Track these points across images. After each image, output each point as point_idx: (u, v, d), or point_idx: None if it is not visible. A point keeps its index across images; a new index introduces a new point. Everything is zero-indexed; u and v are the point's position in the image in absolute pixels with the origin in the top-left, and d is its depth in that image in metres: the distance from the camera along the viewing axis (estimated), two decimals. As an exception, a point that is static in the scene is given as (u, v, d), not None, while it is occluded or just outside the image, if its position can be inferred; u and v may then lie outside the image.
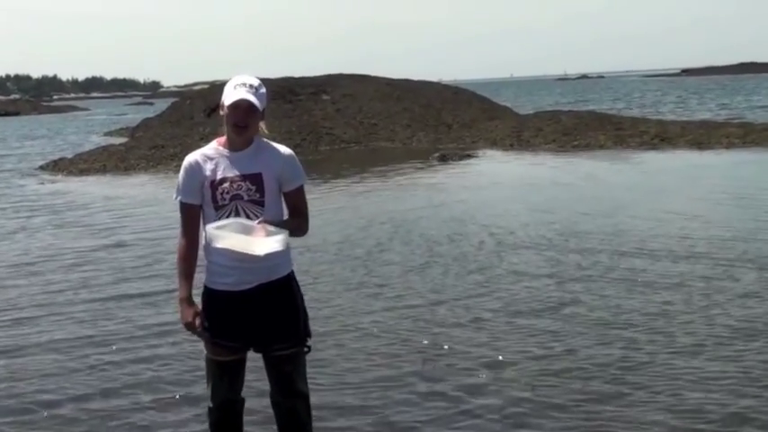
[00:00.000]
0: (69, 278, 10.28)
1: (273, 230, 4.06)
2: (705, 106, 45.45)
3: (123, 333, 7.86)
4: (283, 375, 4.37)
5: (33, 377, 6.74)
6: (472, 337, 7.27)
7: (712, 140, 23.67)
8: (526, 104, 54.17)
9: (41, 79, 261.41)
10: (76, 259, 11.41)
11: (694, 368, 6.27)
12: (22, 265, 11.27)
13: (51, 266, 11.03)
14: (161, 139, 29.97)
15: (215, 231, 4.05)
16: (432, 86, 39.11)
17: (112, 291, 9.56)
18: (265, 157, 4.26)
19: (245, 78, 4.22)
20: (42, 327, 8.18)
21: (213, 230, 4.06)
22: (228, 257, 4.12)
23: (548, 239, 11.29)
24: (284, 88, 33.85)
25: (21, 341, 7.75)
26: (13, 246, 12.80)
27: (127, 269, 10.66)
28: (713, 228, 11.55)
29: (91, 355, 7.27)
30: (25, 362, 7.16)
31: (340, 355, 6.93)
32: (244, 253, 4.02)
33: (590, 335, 7.19)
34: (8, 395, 6.39)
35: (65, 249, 12.17)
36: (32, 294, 9.52)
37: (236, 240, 4.03)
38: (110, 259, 11.35)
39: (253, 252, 4.01)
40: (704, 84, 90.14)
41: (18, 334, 7.98)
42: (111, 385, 6.50)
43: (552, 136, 26.30)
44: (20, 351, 7.46)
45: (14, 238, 13.57)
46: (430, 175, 19.99)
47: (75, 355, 7.26)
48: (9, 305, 9.07)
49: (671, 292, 8.37)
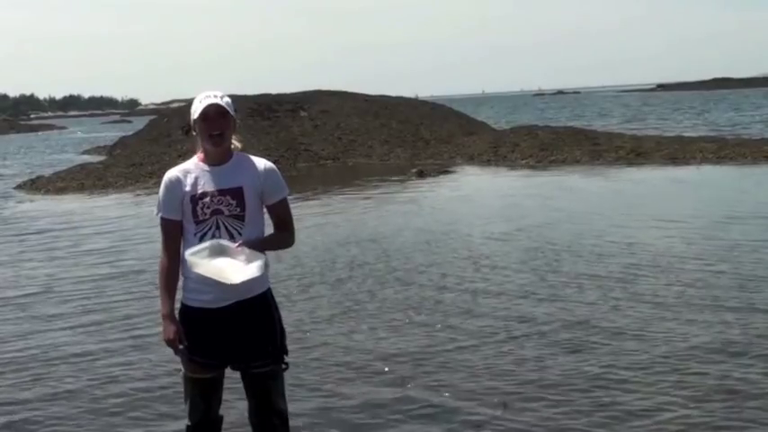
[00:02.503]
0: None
1: (251, 255, 4.06)
2: (682, 122, 45.69)
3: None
4: (261, 393, 4.37)
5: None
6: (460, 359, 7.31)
7: (687, 155, 23.89)
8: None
9: (18, 98, 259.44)
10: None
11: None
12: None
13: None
14: (139, 156, 29.90)
15: (191, 258, 4.06)
16: (409, 102, 39.18)
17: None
18: (246, 171, 4.27)
19: (207, 92, 4.24)
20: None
21: (190, 257, 4.07)
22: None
23: (521, 254, 11.37)
24: (262, 105, 33.86)
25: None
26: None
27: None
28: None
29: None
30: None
31: (317, 373, 6.93)
32: (219, 281, 4.04)
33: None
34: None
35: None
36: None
37: (212, 267, 4.03)
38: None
39: (228, 280, 4.02)
40: (680, 98, 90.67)
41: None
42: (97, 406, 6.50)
43: (529, 151, 26.45)
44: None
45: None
46: (408, 191, 20.04)
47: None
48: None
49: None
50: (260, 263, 4.06)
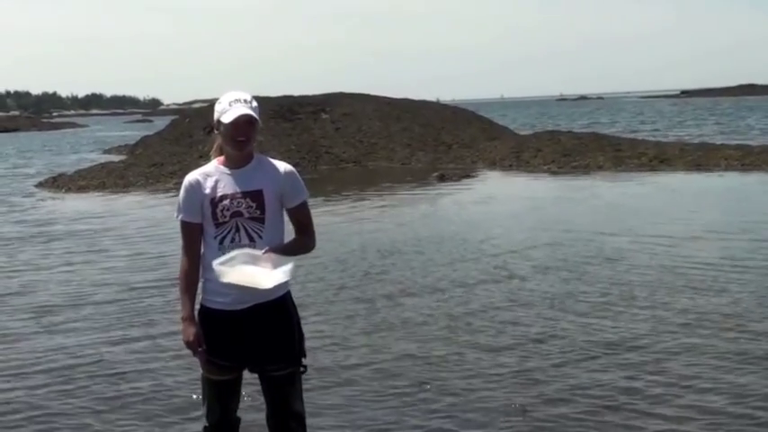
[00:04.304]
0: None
1: (278, 260, 4.07)
2: (705, 128, 45.42)
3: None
4: (279, 396, 4.35)
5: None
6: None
7: (711, 162, 23.70)
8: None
9: (41, 96, 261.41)
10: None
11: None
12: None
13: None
14: (160, 156, 29.99)
15: (220, 267, 4.05)
16: (431, 106, 39.11)
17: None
18: (266, 174, 4.25)
19: (237, 94, 4.22)
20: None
21: (218, 266, 4.05)
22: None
23: (545, 263, 11.26)
24: (283, 107, 33.89)
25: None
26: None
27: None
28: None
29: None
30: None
31: (335, 378, 6.89)
32: (251, 287, 4.04)
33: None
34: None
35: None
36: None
37: (243, 275, 4.03)
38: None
39: (260, 285, 4.03)
40: (704, 105, 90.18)
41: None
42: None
43: (551, 156, 26.31)
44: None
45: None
46: (429, 195, 19.98)
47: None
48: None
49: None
50: (288, 267, 4.07)
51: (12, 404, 6.57)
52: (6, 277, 11.57)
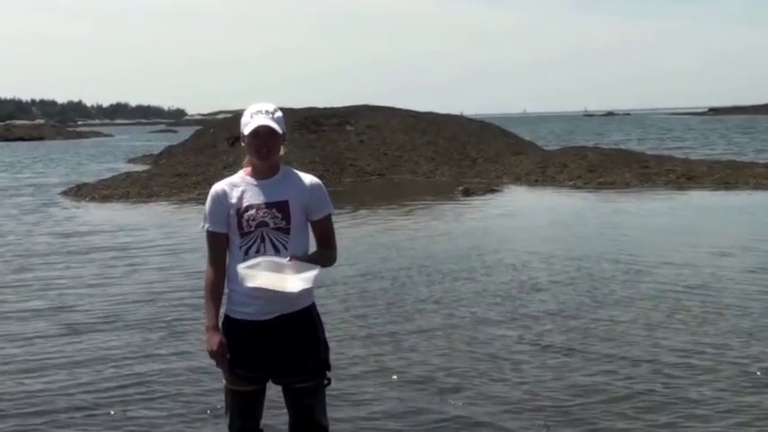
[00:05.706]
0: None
1: (303, 267, 4.07)
2: (732, 147, 44.93)
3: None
4: (303, 408, 4.32)
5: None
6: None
7: (739, 181, 23.45)
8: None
9: (66, 105, 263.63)
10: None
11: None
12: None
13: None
14: (184, 167, 30.07)
15: (246, 271, 4.05)
16: (456, 120, 39.08)
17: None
18: (292, 186, 4.27)
19: (260, 105, 4.26)
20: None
21: (244, 270, 4.06)
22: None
23: (571, 278, 11.14)
24: (308, 119, 33.97)
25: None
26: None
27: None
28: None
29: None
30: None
31: (357, 390, 6.83)
32: (277, 291, 4.02)
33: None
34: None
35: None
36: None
37: (268, 279, 4.03)
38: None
39: (285, 290, 4.02)
40: (732, 122, 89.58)
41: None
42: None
43: (577, 172, 26.11)
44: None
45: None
46: (454, 210, 19.86)
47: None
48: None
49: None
50: (313, 273, 4.06)
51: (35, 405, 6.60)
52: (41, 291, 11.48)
